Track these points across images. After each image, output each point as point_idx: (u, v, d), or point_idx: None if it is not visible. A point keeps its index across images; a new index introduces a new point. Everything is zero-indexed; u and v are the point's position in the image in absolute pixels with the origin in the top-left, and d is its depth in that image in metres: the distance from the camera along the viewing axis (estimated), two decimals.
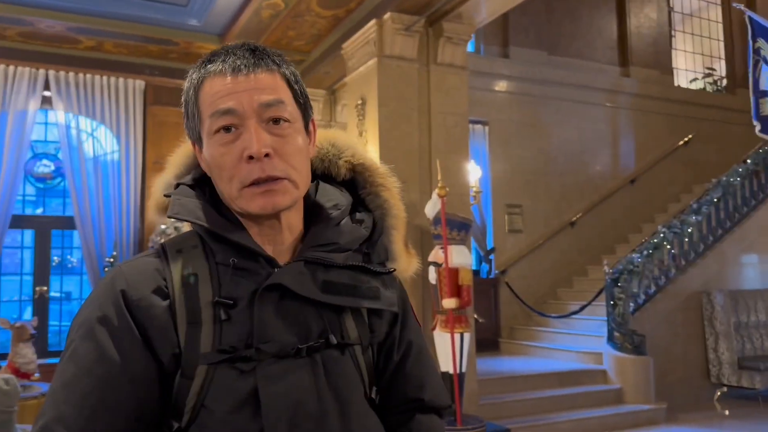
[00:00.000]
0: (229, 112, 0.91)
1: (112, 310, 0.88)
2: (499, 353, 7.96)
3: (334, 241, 0.98)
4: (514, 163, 8.73)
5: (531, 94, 8.92)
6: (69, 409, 0.84)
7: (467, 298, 5.02)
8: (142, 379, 0.87)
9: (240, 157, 0.90)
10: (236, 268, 0.92)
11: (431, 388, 1.06)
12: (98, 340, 0.87)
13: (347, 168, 1.07)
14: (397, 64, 5.58)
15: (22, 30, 6.34)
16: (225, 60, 0.94)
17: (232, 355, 0.87)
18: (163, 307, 0.89)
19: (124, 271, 0.92)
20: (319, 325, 0.93)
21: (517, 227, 8.68)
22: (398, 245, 1.07)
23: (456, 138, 5.77)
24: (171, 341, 0.88)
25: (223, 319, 0.88)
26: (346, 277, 0.97)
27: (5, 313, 7.37)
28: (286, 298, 0.91)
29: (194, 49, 6.90)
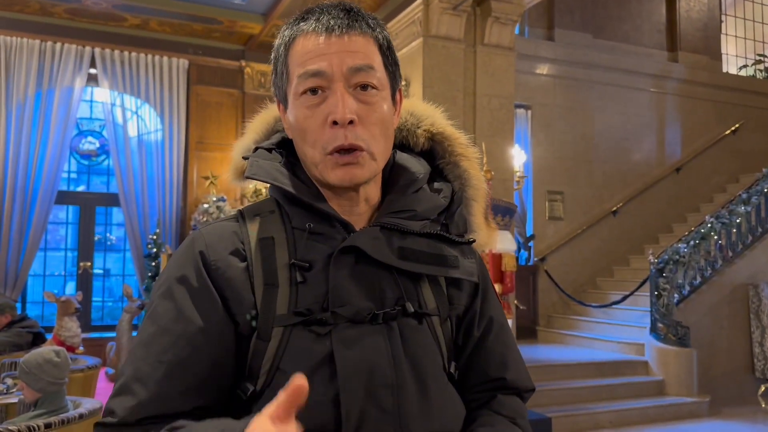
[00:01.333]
0: (317, 74, 0.88)
1: (191, 271, 0.88)
2: (536, 341, 7.88)
3: (411, 208, 0.95)
4: (556, 148, 8.57)
5: (575, 78, 8.73)
6: (146, 367, 0.84)
7: (510, 285, 4.95)
8: (218, 338, 0.86)
9: (324, 121, 0.88)
10: (312, 232, 0.91)
11: (514, 368, 1.01)
12: (177, 299, 0.87)
13: (426, 137, 1.04)
14: (443, 45, 5.49)
15: (69, 7, 6.40)
16: (319, 19, 0.91)
17: (307, 318, 0.86)
18: (241, 268, 0.89)
19: (204, 234, 0.93)
20: (395, 292, 0.91)
21: (557, 214, 8.54)
22: (478, 217, 1.04)
23: (501, 121, 5.68)
24: (248, 302, 0.87)
25: (299, 282, 0.88)
26: (423, 244, 0.94)
27: (50, 287, 7.54)
28: (361, 262, 0.90)
29: (237, 28, 6.90)
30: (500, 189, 5.40)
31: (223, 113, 7.38)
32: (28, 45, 6.57)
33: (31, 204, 6.55)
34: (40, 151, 6.58)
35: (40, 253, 7.11)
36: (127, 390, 0.84)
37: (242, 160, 1.00)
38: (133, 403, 0.82)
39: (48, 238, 7.64)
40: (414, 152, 1.04)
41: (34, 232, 6.57)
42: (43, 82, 6.64)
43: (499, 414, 0.97)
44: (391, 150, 0.98)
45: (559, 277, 8.25)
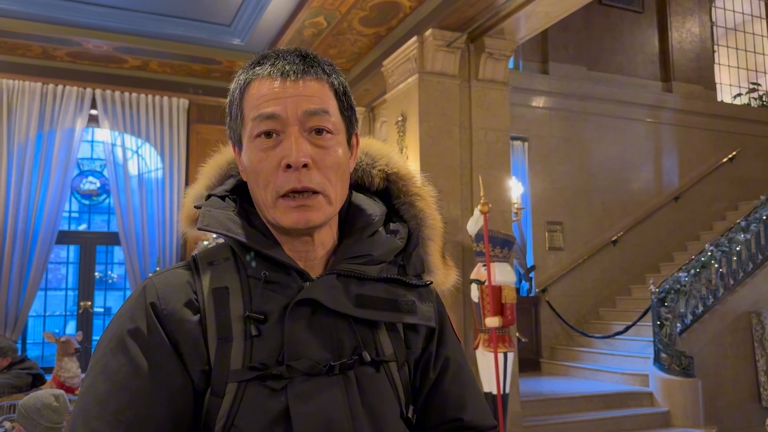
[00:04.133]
0: (272, 116, 0.88)
1: (143, 323, 0.85)
2: (540, 374, 7.81)
3: (367, 253, 0.94)
4: (555, 179, 8.61)
5: (571, 110, 8.82)
6: (103, 426, 0.80)
7: (511, 317, 4.93)
8: (177, 394, 0.84)
9: (278, 164, 0.88)
10: (267, 281, 0.89)
11: (472, 408, 0.99)
12: (130, 353, 0.84)
13: (381, 177, 1.03)
14: (438, 80, 5.56)
15: (70, 50, 6.52)
16: (274, 64, 0.91)
17: (262, 373, 0.84)
18: (194, 321, 0.86)
19: (155, 284, 0.89)
20: (353, 341, 0.89)
21: (557, 245, 8.54)
22: (435, 257, 1.03)
23: (497, 154, 5.72)
24: (202, 357, 0.85)
25: (253, 335, 0.85)
26: (380, 290, 0.92)
27: (50, 327, 7.51)
28: (318, 312, 0.88)
29: (237, 68, 6.91)
30: (498, 221, 5.42)
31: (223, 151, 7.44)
32: (30, 88, 6.68)
33: (32, 244, 6.58)
34: (41, 191, 6.63)
35: (40, 293, 7.11)
36: None
37: (194, 209, 0.98)
38: None
39: (49, 277, 7.65)
40: (369, 192, 1.04)
41: (34, 273, 6.58)
42: (45, 123, 6.73)
43: None
44: (347, 193, 0.97)
45: (561, 307, 8.21)
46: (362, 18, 5.79)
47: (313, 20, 5.84)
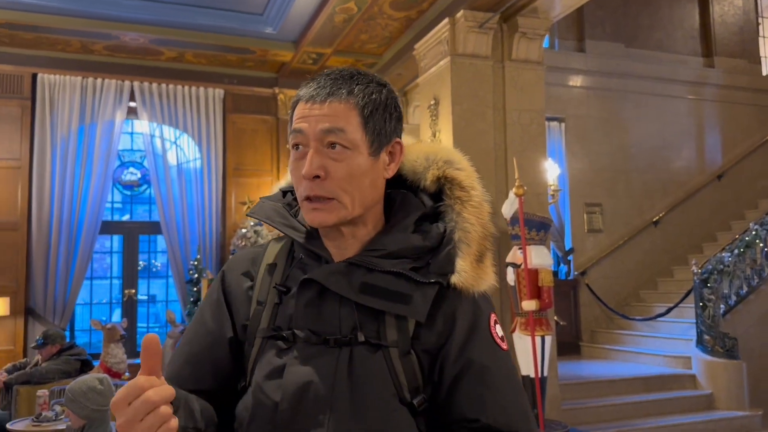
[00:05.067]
0: (299, 132, 1.03)
1: (215, 286, 1.14)
2: (580, 357, 7.74)
3: (383, 247, 1.04)
4: (593, 160, 8.47)
5: (609, 89, 8.64)
6: (178, 351, 1.12)
7: (548, 300, 4.89)
8: (219, 340, 1.08)
9: (301, 173, 1.02)
10: (302, 263, 1.08)
11: (494, 410, 1.01)
12: (203, 306, 1.14)
13: (432, 180, 1.12)
14: (471, 62, 5.51)
15: (108, 44, 6.65)
16: (309, 87, 1.06)
17: (276, 334, 1.04)
18: (246, 287, 1.10)
19: (233, 257, 1.18)
20: (352, 321, 1.01)
21: (596, 227, 8.41)
22: (465, 259, 1.05)
23: (532, 135, 5.65)
24: (245, 314, 1.08)
25: (276, 303, 1.06)
26: (385, 281, 1.01)
27: (96, 315, 7.74)
28: (326, 293, 1.02)
29: (270, 57, 7.06)
30: (534, 203, 5.36)
31: (259, 139, 7.53)
32: (71, 82, 6.84)
33: (77, 235, 6.77)
34: (84, 183, 6.81)
35: (86, 282, 7.33)
36: (169, 364, 1.11)
37: None
38: (166, 374, 1.04)
39: (94, 267, 7.87)
40: (426, 193, 1.13)
41: (80, 262, 6.78)
42: (86, 116, 6.89)
43: None
44: (371, 197, 1.06)
45: (601, 290, 8.10)
46: (392, 2, 5.76)
47: (344, 6, 5.83)
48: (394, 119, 1.08)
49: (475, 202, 1.10)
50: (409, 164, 1.13)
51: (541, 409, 4.78)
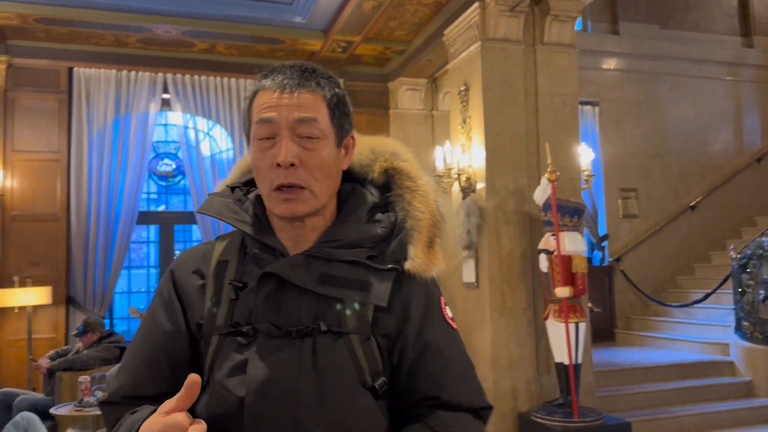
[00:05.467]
0: (268, 121, 1.04)
1: (165, 286, 1.12)
2: (614, 344, 7.66)
3: (339, 237, 1.08)
4: (627, 144, 8.33)
5: (643, 71, 8.47)
6: (129, 358, 1.10)
7: (582, 287, 4.84)
8: (176, 340, 1.07)
9: (271, 162, 1.03)
10: (256, 257, 1.08)
11: (452, 387, 1.08)
12: (153, 307, 1.12)
13: (380, 171, 1.17)
14: (502, 47, 5.45)
15: (141, 37, 6.74)
16: (275, 78, 1.07)
17: (235, 330, 1.03)
18: (198, 285, 1.10)
19: (180, 256, 1.17)
20: (312, 312, 1.03)
21: (631, 212, 8.29)
22: (417, 246, 1.11)
23: (565, 120, 5.57)
24: (199, 313, 1.08)
25: (233, 299, 1.05)
26: (344, 270, 1.05)
27: (134, 303, 7.92)
28: (285, 286, 1.04)
29: (299, 46, 7.07)
30: (567, 189, 5.30)
31: None
32: (105, 75, 6.95)
33: (114, 225, 6.91)
34: (120, 174, 6.93)
35: (124, 272, 7.49)
36: (117, 375, 1.10)
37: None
38: (117, 385, 1.07)
39: (132, 256, 8.04)
40: (373, 185, 1.18)
41: (118, 252, 6.92)
42: (121, 109, 7.01)
43: (428, 427, 1.04)
44: (334, 187, 1.12)
45: (637, 277, 7.99)
46: None
47: None
48: (349, 114, 1.13)
49: (423, 191, 1.15)
50: (356, 157, 1.18)
51: (576, 396, 4.75)
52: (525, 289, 5.35)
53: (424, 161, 5.67)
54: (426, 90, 7.78)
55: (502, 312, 5.27)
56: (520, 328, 5.31)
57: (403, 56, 7.37)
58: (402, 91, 7.69)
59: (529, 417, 5.01)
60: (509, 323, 5.28)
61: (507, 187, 5.38)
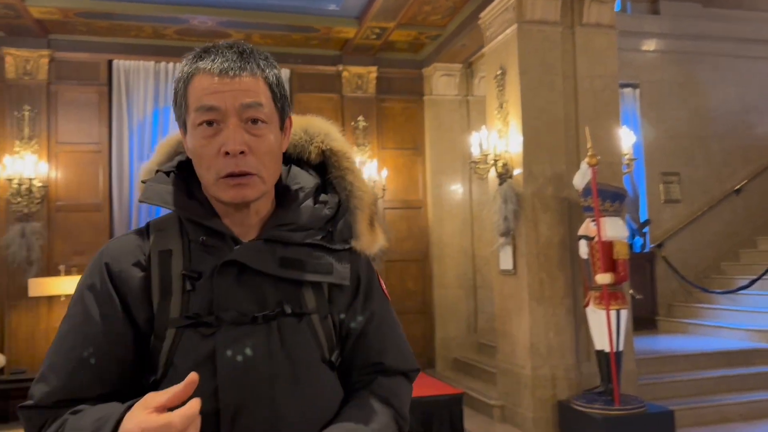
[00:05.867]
0: (212, 108, 1.01)
1: (97, 279, 1.04)
2: (656, 332, 7.52)
3: (293, 221, 1.09)
4: (669, 127, 8.13)
5: (685, 52, 8.24)
6: (59, 360, 1.01)
7: (623, 273, 4.75)
8: (117, 338, 1.01)
9: (218, 150, 1.01)
10: (205, 245, 1.04)
11: (392, 354, 1.16)
12: (85, 303, 1.03)
13: (317, 153, 1.18)
14: (539, 29, 5.35)
15: (178, 28, 6.82)
16: (214, 60, 1.03)
17: (195, 321, 1.00)
18: (140, 278, 1.04)
19: (110, 247, 1.08)
20: (276, 296, 1.04)
21: (674, 197, 8.10)
22: (362, 225, 1.15)
23: (605, 103, 5.46)
24: (145, 307, 1.02)
25: (188, 290, 1.02)
26: (303, 253, 1.07)
27: None
28: (245, 272, 1.03)
29: (333, 34, 7.06)
30: (607, 173, 5.20)
31: (324, 117, 7.55)
32: (144, 67, 7.06)
33: (156, 214, 7.03)
34: None
35: None
36: (43, 379, 1.00)
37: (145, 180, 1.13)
38: (47, 390, 0.99)
39: None
40: (308, 165, 1.19)
41: None
42: (159, 100, 7.11)
43: (373, 394, 1.12)
44: (280, 170, 1.12)
45: (679, 263, 7.82)
46: None
47: None
48: (287, 95, 1.12)
49: (358, 171, 1.19)
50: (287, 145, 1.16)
51: (617, 383, 4.69)
52: (564, 277, 5.28)
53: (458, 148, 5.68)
54: (461, 75, 7.70)
55: (541, 300, 5.22)
56: (559, 316, 5.25)
57: (437, 41, 7.30)
58: (437, 77, 7.63)
59: (568, 405, 4.96)
60: (548, 311, 5.23)
61: (545, 172, 5.30)
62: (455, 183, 7.64)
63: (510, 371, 5.53)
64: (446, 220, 7.62)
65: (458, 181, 7.64)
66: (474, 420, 5.62)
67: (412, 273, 7.69)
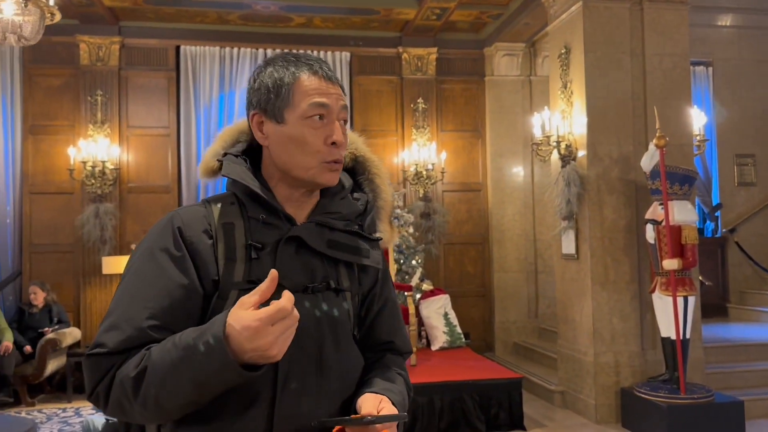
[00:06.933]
0: (324, 105, 1.19)
1: (171, 242, 1.14)
2: (727, 319, 7.25)
3: (338, 211, 1.26)
4: (744, 107, 7.74)
5: (762, 27, 7.81)
6: (133, 311, 1.09)
7: (692, 259, 4.59)
8: (191, 294, 1.12)
9: (325, 140, 1.18)
10: (265, 222, 1.18)
11: (399, 336, 1.36)
12: (159, 261, 1.13)
13: (350, 158, 1.36)
14: (605, 6, 5.18)
15: (241, 13, 6.93)
16: (321, 66, 1.21)
17: (257, 285, 1.04)
18: (209, 244, 1.15)
19: (181, 215, 1.19)
20: (322, 272, 1.20)
21: (748, 180, 7.73)
22: (384, 223, 1.36)
23: (675, 81, 5.25)
24: (212, 271, 1.14)
25: (253, 258, 1.15)
26: (345, 238, 1.24)
27: None
28: (301, 248, 1.19)
29: (394, 16, 7.03)
30: (676, 155, 5.01)
31: (384, 100, 7.58)
32: (210, 52, 7.22)
33: None
34: None
35: None
36: (116, 327, 1.08)
37: (214, 161, 1.28)
38: (123, 338, 1.07)
39: None
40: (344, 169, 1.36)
41: None
42: (225, 85, 7.27)
43: (387, 366, 1.30)
44: None
45: (753, 249, 7.49)
46: None
47: None
48: None
49: (384, 175, 1.37)
50: None
51: (683, 372, 4.55)
52: (629, 262, 5.14)
53: (520, 129, 5.60)
54: (523, 55, 7.55)
55: (605, 285, 5.10)
56: (623, 302, 5.12)
57: (499, 20, 7.17)
58: (498, 57, 7.50)
59: (632, 392, 4.85)
60: (612, 297, 5.11)
61: (611, 154, 5.15)
62: (516, 165, 7.53)
63: (571, 357, 5.44)
64: (507, 203, 7.53)
65: (519, 164, 7.52)
66: (533, 404, 5.57)
67: (471, 256, 7.65)
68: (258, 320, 0.95)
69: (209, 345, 0.98)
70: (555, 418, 5.28)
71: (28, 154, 6.85)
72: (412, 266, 6.51)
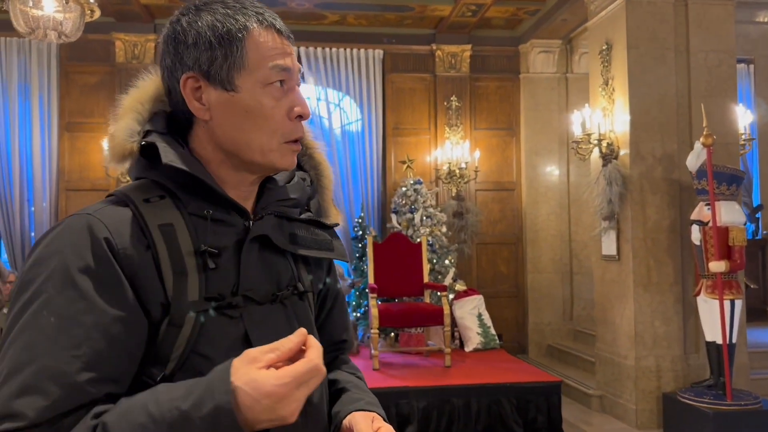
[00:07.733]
0: (286, 69, 0.93)
1: (92, 258, 0.82)
2: None
3: (291, 197, 1.02)
4: None
5: None
6: (57, 363, 0.77)
7: (740, 261, 4.46)
8: (133, 327, 0.83)
9: (287, 113, 0.94)
10: (213, 219, 0.92)
11: (348, 329, 1.21)
12: (82, 289, 0.80)
13: None
14: (649, 1, 5.05)
15: (276, 10, 6.74)
16: (275, 19, 0.96)
17: (220, 303, 0.89)
18: (148, 256, 0.86)
19: (100, 218, 0.86)
20: (288, 273, 1.01)
21: None
22: (328, 203, 1.13)
23: (721, 79, 5.11)
24: (158, 291, 0.86)
25: (210, 268, 0.89)
26: (304, 230, 1.03)
27: None
28: (264, 249, 0.96)
29: (428, 13, 6.96)
30: (723, 154, 4.87)
31: (416, 98, 7.51)
32: None
33: None
34: None
35: None
36: (35, 389, 0.75)
37: (131, 142, 0.92)
38: (47, 403, 0.75)
39: None
40: None
41: None
42: None
43: (346, 372, 1.16)
44: None
45: None
46: None
47: None
48: None
49: (322, 149, 1.14)
50: None
51: (729, 378, 4.42)
52: (673, 264, 5.01)
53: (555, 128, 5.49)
54: (560, 52, 7.42)
55: (647, 287, 4.98)
56: (666, 305, 5.00)
57: (536, 16, 7.06)
58: (534, 54, 7.39)
59: (675, 397, 4.72)
60: (654, 299, 4.98)
61: (654, 152, 5.03)
62: (551, 164, 7.41)
63: (611, 360, 5.32)
64: (541, 203, 7.41)
65: (554, 163, 7.39)
66: (570, 409, 5.47)
67: (504, 256, 7.55)
68: (283, 385, 0.73)
69: (212, 421, 0.72)
70: (593, 423, 5.17)
71: (64, 151, 6.91)
72: (444, 266, 6.44)
